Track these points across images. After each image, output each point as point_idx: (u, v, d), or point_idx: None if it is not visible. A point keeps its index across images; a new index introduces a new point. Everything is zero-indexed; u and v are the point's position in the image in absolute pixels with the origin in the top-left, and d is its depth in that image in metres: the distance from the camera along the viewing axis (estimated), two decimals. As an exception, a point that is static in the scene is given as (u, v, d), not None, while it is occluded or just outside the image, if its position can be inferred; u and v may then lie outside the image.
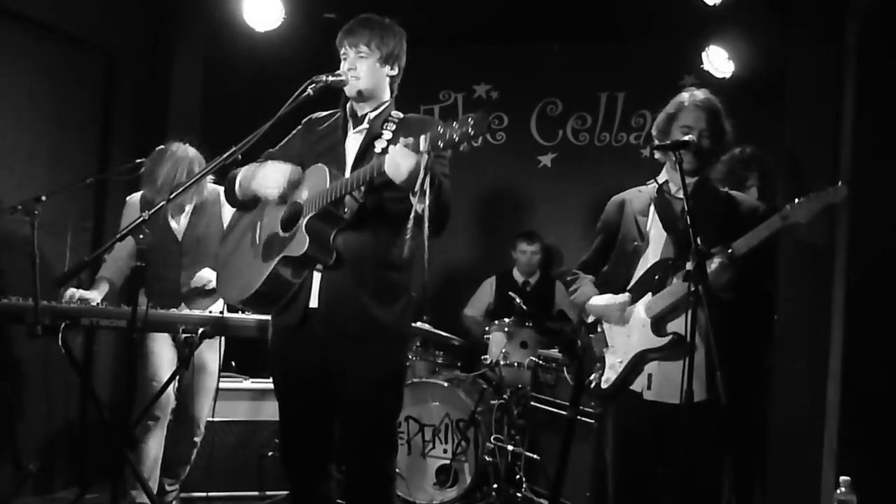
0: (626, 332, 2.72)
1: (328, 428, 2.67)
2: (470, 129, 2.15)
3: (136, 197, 3.77)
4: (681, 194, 2.67)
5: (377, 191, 2.47)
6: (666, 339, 2.59)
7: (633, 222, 2.80)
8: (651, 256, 2.74)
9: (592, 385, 2.81)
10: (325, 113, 2.80)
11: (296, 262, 2.53)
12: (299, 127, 2.81)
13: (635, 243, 2.76)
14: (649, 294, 2.67)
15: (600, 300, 2.79)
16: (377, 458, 2.61)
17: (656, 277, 2.65)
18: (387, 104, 2.69)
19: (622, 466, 2.76)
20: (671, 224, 2.67)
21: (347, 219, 2.52)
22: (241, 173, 2.72)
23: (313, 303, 2.57)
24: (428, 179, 2.28)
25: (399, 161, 2.28)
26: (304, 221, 2.50)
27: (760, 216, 2.53)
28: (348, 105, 2.71)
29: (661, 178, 2.81)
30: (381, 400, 2.61)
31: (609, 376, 2.73)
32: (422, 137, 2.25)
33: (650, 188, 2.77)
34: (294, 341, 2.62)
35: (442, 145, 2.20)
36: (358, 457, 2.62)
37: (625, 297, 2.72)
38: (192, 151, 3.64)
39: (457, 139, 2.17)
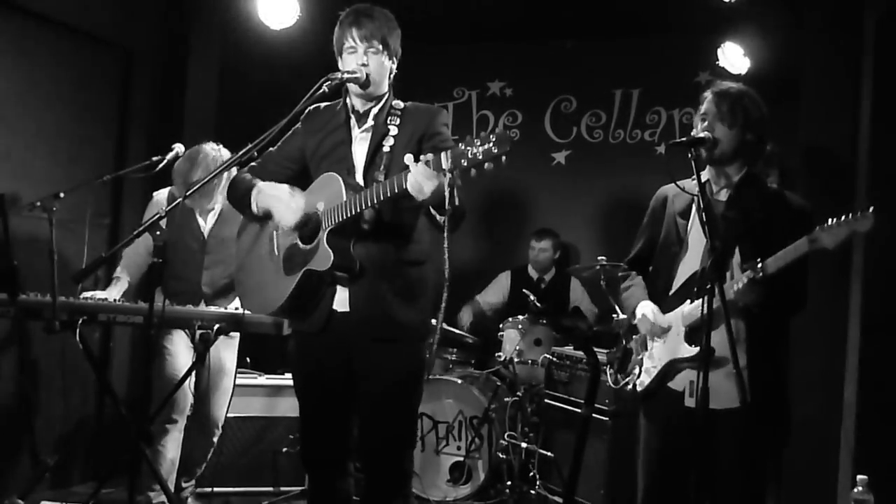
0: (663, 338, 2.69)
1: (347, 426, 2.67)
2: (493, 147, 2.08)
3: (162, 194, 3.79)
4: (722, 196, 2.63)
5: (394, 199, 2.42)
6: (696, 349, 2.54)
7: (674, 225, 2.70)
8: (690, 262, 2.63)
9: (629, 388, 2.78)
10: (324, 105, 2.74)
11: (320, 275, 2.52)
12: (297, 125, 2.76)
13: (673, 249, 2.68)
14: (688, 302, 2.60)
15: (647, 310, 2.71)
16: (397, 455, 2.62)
17: (695, 287, 2.56)
18: (387, 96, 2.66)
19: (655, 469, 2.69)
20: (713, 228, 2.49)
21: (367, 228, 2.51)
22: (255, 195, 2.68)
23: (337, 306, 2.57)
24: (453, 196, 2.24)
25: (422, 182, 2.24)
26: (324, 235, 2.49)
27: (808, 217, 2.40)
28: (348, 101, 2.67)
29: (704, 176, 2.65)
30: (405, 397, 2.62)
31: (643, 380, 2.71)
32: (443, 155, 2.17)
33: (693, 184, 2.58)
34: (316, 344, 2.63)
35: (466, 164, 2.13)
36: (378, 454, 2.62)
37: (668, 323, 2.66)
38: (225, 153, 3.64)
39: (481, 158, 2.10)
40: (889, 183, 3.69)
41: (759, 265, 2.39)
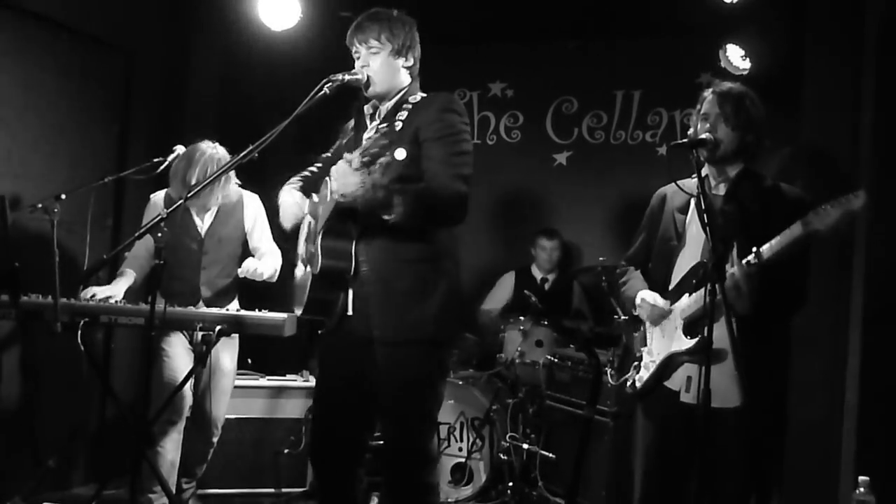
0: (661, 333, 2.68)
1: (359, 434, 2.65)
2: (382, 139, 2.16)
3: (159, 196, 3.79)
4: (721, 190, 2.64)
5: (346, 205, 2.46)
6: (693, 342, 2.55)
7: (672, 220, 2.72)
8: (689, 256, 2.65)
9: (628, 384, 2.78)
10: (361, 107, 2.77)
11: (322, 278, 2.53)
12: (344, 127, 2.82)
13: (671, 243, 2.69)
14: (686, 295, 2.61)
15: (647, 295, 2.71)
16: (407, 467, 2.54)
17: (693, 280, 2.57)
18: (404, 91, 2.64)
19: (652, 467, 2.70)
20: (711, 222, 2.49)
21: (359, 225, 2.49)
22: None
23: (349, 308, 2.59)
24: (388, 193, 2.28)
25: (340, 181, 2.31)
26: (318, 239, 2.53)
27: (806, 208, 2.39)
28: (367, 104, 2.69)
29: (703, 172, 2.65)
30: (412, 403, 2.54)
31: (642, 376, 2.71)
32: (355, 154, 2.21)
33: (692, 183, 2.60)
34: (332, 345, 2.65)
35: (368, 158, 2.17)
36: (389, 464, 2.59)
37: (668, 306, 2.66)
38: (221, 151, 3.63)
39: (376, 150, 2.17)
40: (891, 183, 3.68)
41: (755, 252, 2.39)
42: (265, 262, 3.71)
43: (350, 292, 2.56)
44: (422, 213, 2.40)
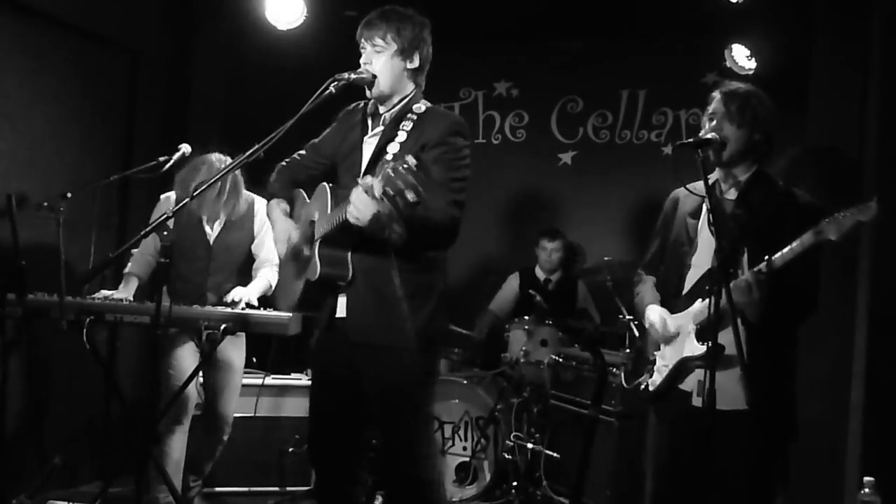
0: (673, 343, 2.69)
1: (354, 433, 2.65)
2: (412, 178, 2.06)
3: (171, 195, 3.80)
4: (731, 194, 2.62)
5: (344, 227, 2.44)
6: (706, 347, 2.54)
7: (684, 225, 2.70)
8: (701, 261, 2.63)
9: (641, 388, 2.78)
10: (363, 103, 2.74)
11: (316, 284, 2.55)
12: (339, 116, 2.80)
13: (683, 248, 2.68)
14: (699, 301, 2.60)
15: (655, 318, 2.71)
16: (405, 461, 2.56)
17: (706, 286, 2.54)
18: (407, 99, 2.61)
19: (663, 468, 2.69)
20: (721, 228, 2.48)
21: (357, 237, 2.48)
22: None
23: (339, 311, 2.59)
24: (396, 222, 2.29)
25: (361, 209, 2.26)
26: (316, 247, 2.54)
27: (818, 215, 2.36)
28: (370, 103, 2.67)
29: (713, 177, 2.64)
30: (401, 404, 2.56)
31: (655, 380, 2.71)
32: (375, 182, 2.14)
33: (702, 185, 2.55)
34: (326, 346, 2.65)
35: (392, 191, 2.09)
36: (387, 459, 2.61)
37: (676, 329, 2.66)
38: (228, 162, 3.65)
39: (402, 185, 2.07)
40: (896, 184, 3.68)
41: (766, 261, 2.38)
42: (254, 287, 3.71)
43: (344, 296, 2.57)
44: (418, 237, 2.43)
